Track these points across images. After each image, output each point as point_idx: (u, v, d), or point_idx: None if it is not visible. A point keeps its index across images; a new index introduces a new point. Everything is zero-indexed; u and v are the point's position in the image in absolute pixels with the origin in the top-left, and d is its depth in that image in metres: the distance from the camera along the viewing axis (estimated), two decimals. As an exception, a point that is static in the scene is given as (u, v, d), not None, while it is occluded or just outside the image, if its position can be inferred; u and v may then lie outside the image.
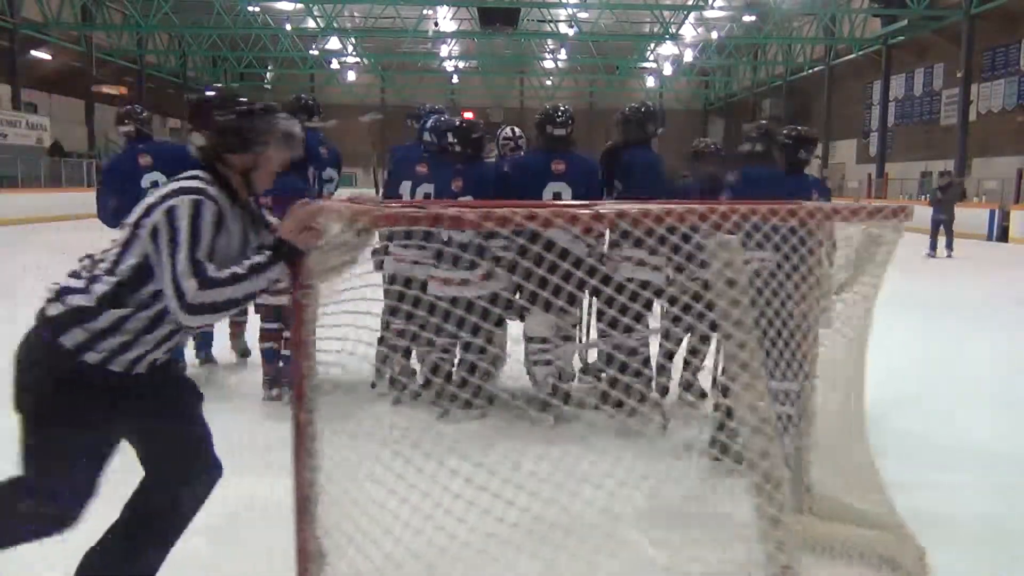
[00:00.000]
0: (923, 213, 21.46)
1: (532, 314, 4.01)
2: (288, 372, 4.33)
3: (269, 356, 4.42)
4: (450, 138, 4.20)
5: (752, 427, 2.17)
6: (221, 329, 5.30)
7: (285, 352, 4.40)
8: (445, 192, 4.12)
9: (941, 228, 13.96)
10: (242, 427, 3.93)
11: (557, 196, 4.16)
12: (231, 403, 4.32)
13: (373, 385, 4.48)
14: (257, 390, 4.51)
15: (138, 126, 4.81)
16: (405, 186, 4.32)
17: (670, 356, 4.39)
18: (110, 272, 1.97)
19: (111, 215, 4.74)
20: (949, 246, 13.90)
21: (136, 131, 4.80)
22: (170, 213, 1.90)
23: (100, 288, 1.95)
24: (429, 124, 4.47)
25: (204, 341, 5.07)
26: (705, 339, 4.05)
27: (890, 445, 3.80)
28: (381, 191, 4.68)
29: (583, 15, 31.23)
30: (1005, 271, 12.51)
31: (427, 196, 4.22)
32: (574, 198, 4.12)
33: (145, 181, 4.69)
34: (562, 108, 4.37)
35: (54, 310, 1.97)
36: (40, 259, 11.88)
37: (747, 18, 31.72)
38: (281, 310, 4.34)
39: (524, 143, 4.67)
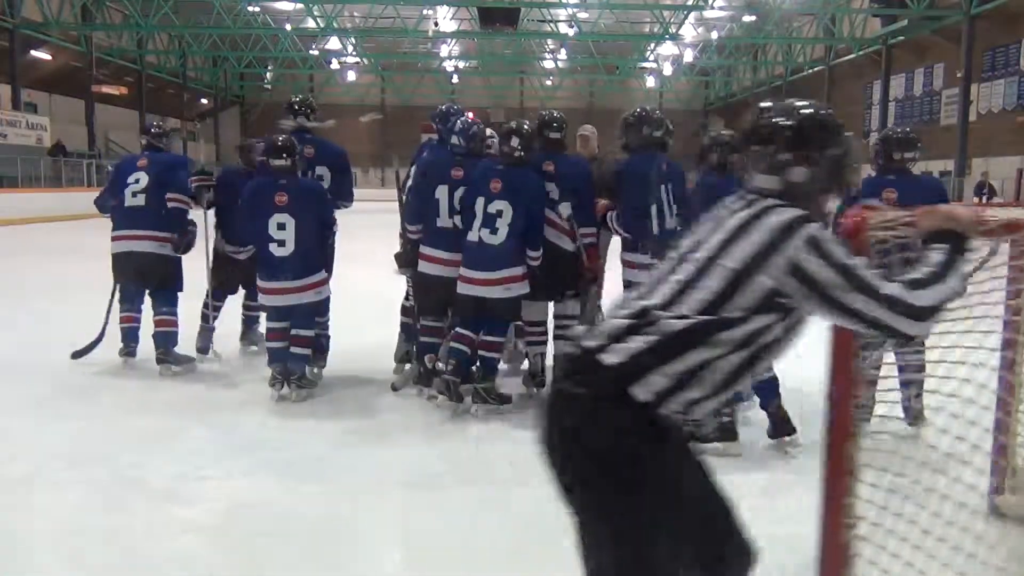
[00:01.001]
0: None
1: (531, 303, 4.33)
2: (297, 369, 4.37)
3: (278, 356, 4.41)
4: (514, 142, 4.17)
5: None
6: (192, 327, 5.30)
7: (295, 350, 4.41)
8: (485, 194, 4.14)
9: None
10: (246, 427, 3.93)
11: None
12: (237, 403, 4.32)
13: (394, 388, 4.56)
14: (263, 390, 4.50)
15: (150, 139, 5.19)
16: (441, 191, 4.28)
17: None
18: (704, 312, 1.55)
19: (107, 211, 5.12)
20: None
21: (147, 143, 5.18)
22: (812, 242, 1.54)
23: (678, 325, 1.54)
24: (459, 128, 4.41)
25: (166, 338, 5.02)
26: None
27: (890, 443, 3.80)
28: (405, 196, 4.64)
29: (583, 15, 31.21)
30: (1004, 271, 12.50)
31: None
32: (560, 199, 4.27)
33: (131, 179, 4.96)
34: (556, 114, 4.55)
35: (614, 357, 1.53)
36: (40, 260, 11.88)
37: (747, 18, 31.72)
38: (290, 309, 4.41)
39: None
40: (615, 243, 4.61)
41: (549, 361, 4.49)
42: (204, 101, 41.25)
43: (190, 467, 3.32)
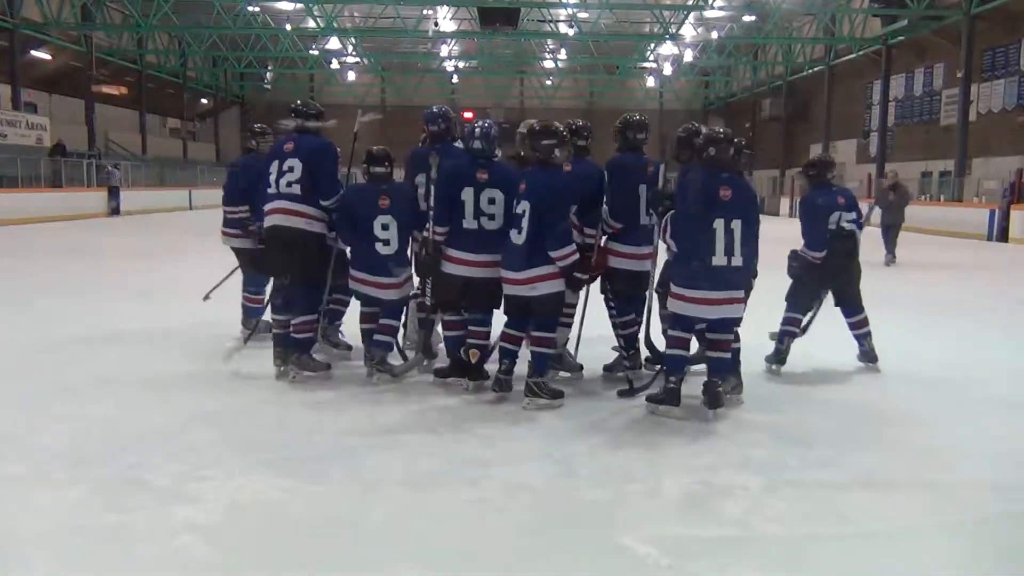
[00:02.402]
0: (931, 214, 21.52)
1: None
2: (378, 353, 4.71)
3: (369, 338, 4.86)
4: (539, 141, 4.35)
5: None
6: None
7: (379, 337, 4.76)
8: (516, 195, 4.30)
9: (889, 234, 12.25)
10: (246, 427, 3.93)
11: None
12: (237, 403, 4.32)
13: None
14: (265, 390, 4.52)
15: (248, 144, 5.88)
16: (467, 193, 4.38)
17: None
18: None
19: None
20: (891, 252, 12.18)
21: (245, 149, 5.93)
22: None
23: None
24: (479, 132, 4.46)
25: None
26: None
27: (890, 444, 3.81)
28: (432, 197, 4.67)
29: (583, 15, 31.22)
30: (1005, 271, 12.51)
31: (491, 201, 4.40)
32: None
33: None
34: (583, 123, 4.88)
35: None
36: (40, 260, 11.88)
37: (747, 18, 31.71)
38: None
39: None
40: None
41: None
42: (204, 101, 41.25)
43: (190, 467, 3.31)
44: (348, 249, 4.85)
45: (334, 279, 4.95)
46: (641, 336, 4.68)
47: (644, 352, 4.76)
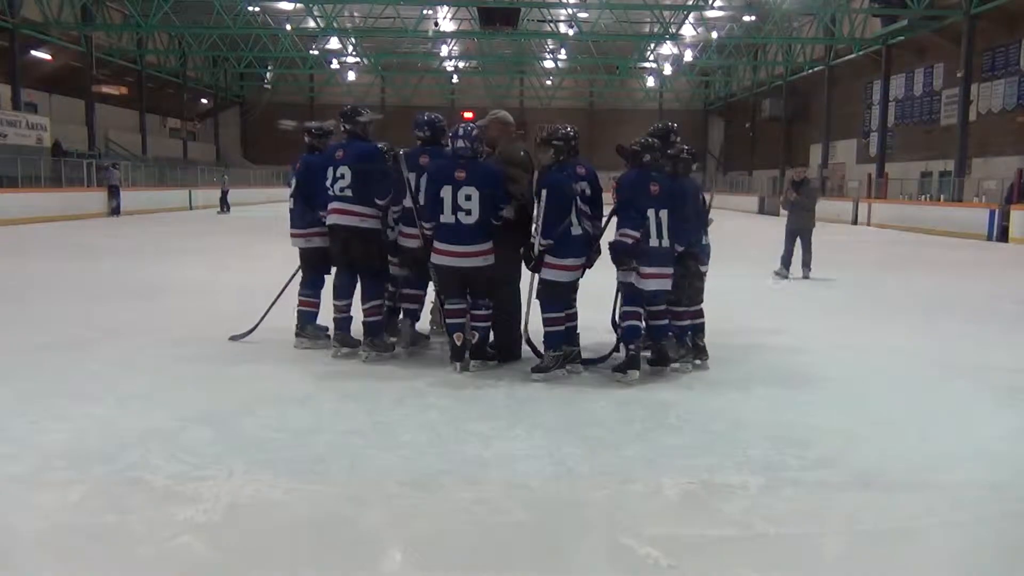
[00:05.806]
0: (922, 214, 21.52)
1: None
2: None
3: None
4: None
5: None
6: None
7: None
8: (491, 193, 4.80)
9: (798, 241, 10.20)
10: (246, 427, 3.93)
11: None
12: (237, 403, 4.31)
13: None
14: (263, 390, 4.53)
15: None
16: (446, 191, 4.79)
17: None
18: None
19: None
20: (807, 264, 10.14)
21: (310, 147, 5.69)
22: None
23: None
24: (462, 132, 4.86)
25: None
26: None
27: (890, 444, 3.81)
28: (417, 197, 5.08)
29: (583, 15, 31.24)
30: (1005, 271, 12.50)
31: (468, 198, 4.77)
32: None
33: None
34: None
35: None
36: (40, 260, 11.88)
37: (747, 18, 31.73)
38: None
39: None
40: None
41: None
42: (204, 101, 41.27)
43: (190, 467, 3.31)
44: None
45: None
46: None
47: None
